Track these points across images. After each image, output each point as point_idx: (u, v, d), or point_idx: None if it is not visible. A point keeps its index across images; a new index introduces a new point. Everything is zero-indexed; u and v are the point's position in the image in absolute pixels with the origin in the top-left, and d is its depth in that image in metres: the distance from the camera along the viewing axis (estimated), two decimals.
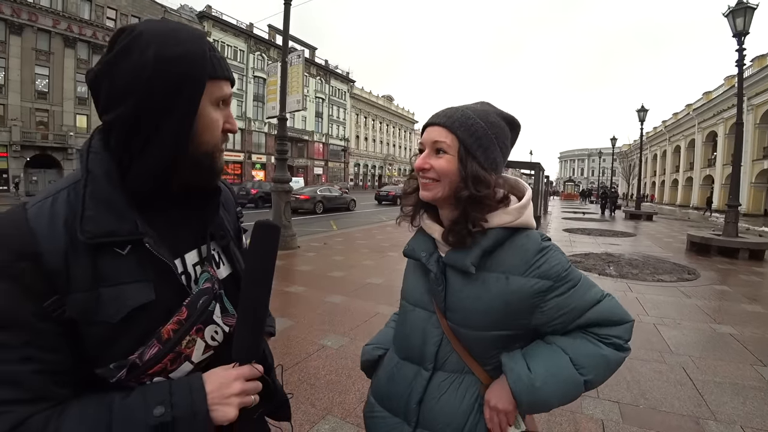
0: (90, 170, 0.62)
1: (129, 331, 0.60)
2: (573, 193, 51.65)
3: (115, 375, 0.59)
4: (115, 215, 0.60)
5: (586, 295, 0.82)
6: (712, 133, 34.30)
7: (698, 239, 9.20)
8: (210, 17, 37.13)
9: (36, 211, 0.59)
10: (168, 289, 0.64)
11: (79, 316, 0.57)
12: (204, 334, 0.67)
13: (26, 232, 0.56)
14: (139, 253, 0.61)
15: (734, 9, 8.44)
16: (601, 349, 0.80)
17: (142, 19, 8.12)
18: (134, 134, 0.62)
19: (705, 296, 5.33)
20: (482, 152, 0.81)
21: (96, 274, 0.58)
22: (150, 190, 0.65)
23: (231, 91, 0.71)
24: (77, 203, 0.59)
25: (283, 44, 8.69)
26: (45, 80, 27.53)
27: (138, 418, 0.56)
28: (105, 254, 0.59)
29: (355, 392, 2.65)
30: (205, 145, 0.67)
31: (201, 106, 0.65)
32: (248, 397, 0.65)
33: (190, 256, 0.72)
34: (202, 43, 0.65)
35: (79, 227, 0.57)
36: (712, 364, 3.23)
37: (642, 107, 20.04)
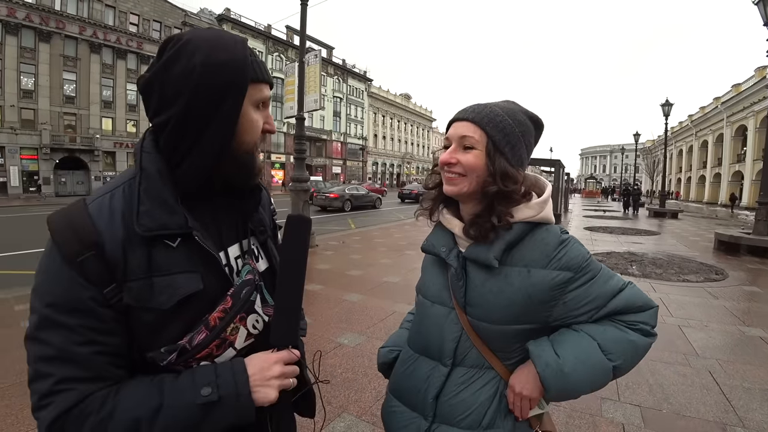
0: (144, 168, 0.67)
1: (178, 317, 0.65)
2: (594, 191, 50.53)
3: (165, 359, 0.64)
4: (167, 210, 0.65)
5: (606, 285, 0.82)
6: (741, 127, 32.98)
7: (727, 238, 8.86)
8: (229, 20, 37.76)
9: (97, 206, 0.64)
10: (214, 279, 0.69)
11: (134, 303, 0.62)
12: (246, 323, 0.72)
13: (90, 224, 0.62)
14: (188, 245, 0.66)
15: None
16: (629, 334, 0.80)
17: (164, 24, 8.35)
18: (182, 135, 0.66)
19: (734, 297, 5.14)
20: (510, 149, 0.82)
21: (150, 265, 0.63)
22: (196, 187, 0.70)
23: (270, 93, 0.74)
24: (133, 199, 0.64)
25: (300, 44, 8.75)
26: (72, 85, 28.54)
27: (187, 397, 0.61)
28: (158, 246, 0.64)
29: (371, 390, 2.66)
30: (245, 144, 0.71)
31: (243, 108, 0.69)
32: (287, 379, 0.69)
33: (232, 249, 0.77)
34: (244, 49, 0.69)
35: (135, 221, 0.62)
36: (740, 368, 3.11)
37: (666, 101, 19.40)
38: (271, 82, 0.74)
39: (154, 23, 32.54)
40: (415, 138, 71.05)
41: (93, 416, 0.58)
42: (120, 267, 0.61)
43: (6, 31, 25.29)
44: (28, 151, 26.75)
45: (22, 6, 25.57)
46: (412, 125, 69.71)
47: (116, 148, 30.92)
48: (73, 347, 0.59)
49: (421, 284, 1.00)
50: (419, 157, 71.93)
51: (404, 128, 67.32)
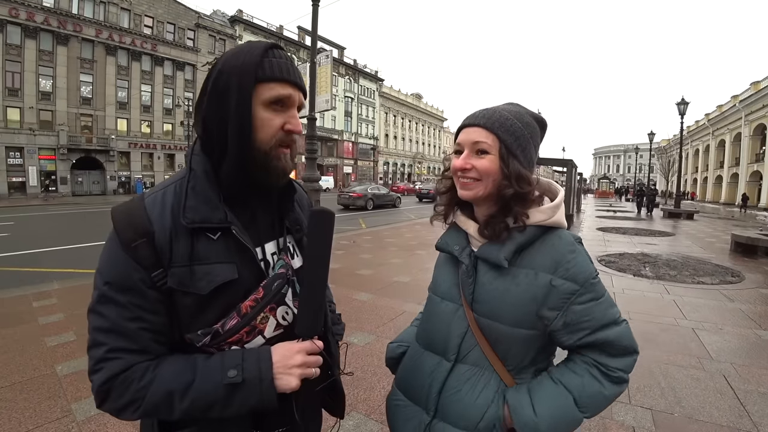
0: (192, 169, 0.75)
1: (214, 303, 0.71)
2: (608, 191, 49.77)
3: (200, 340, 0.70)
4: (210, 206, 0.72)
5: (607, 311, 0.83)
6: (760, 125, 32.23)
7: (744, 239, 8.67)
8: (241, 21, 38.14)
9: (151, 201, 0.73)
10: (248, 271, 0.75)
11: (177, 287, 0.69)
12: (276, 313, 0.76)
13: (144, 216, 0.70)
14: (227, 239, 0.73)
15: None
16: (605, 388, 0.82)
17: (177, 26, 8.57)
18: (211, 137, 0.75)
19: (750, 300, 5.04)
20: (521, 151, 0.84)
21: (192, 254, 0.70)
22: (235, 186, 0.76)
23: (288, 92, 0.75)
24: (181, 195, 0.72)
25: (311, 44, 8.80)
26: (89, 87, 29.14)
27: (215, 376, 0.67)
28: (200, 238, 0.71)
29: (380, 390, 2.67)
30: (260, 143, 0.74)
31: (253, 108, 0.72)
32: (309, 369, 0.73)
33: (269, 246, 0.82)
34: (257, 51, 0.73)
35: (182, 214, 0.70)
36: (756, 372, 3.05)
37: (682, 100, 19.04)
38: (292, 80, 0.75)
39: (168, 25, 33.01)
40: (427, 138, 70.88)
41: (135, 384, 0.66)
42: (166, 254, 0.69)
43: (25, 35, 25.91)
44: (46, 151, 27.37)
45: (40, 10, 26.18)
46: (424, 125, 69.54)
47: (131, 149, 31.48)
48: (124, 322, 0.67)
49: (432, 281, 1.03)
50: (430, 157, 71.70)
51: (415, 128, 67.21)
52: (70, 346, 3.24)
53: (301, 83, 0.78)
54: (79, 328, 3.61)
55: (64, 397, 2.48)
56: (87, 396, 2.50)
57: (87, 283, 5.24)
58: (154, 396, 0.66)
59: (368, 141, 54.65)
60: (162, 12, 32.55)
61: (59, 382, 2.66)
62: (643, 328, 3.90)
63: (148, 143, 32.48)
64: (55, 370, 2.83)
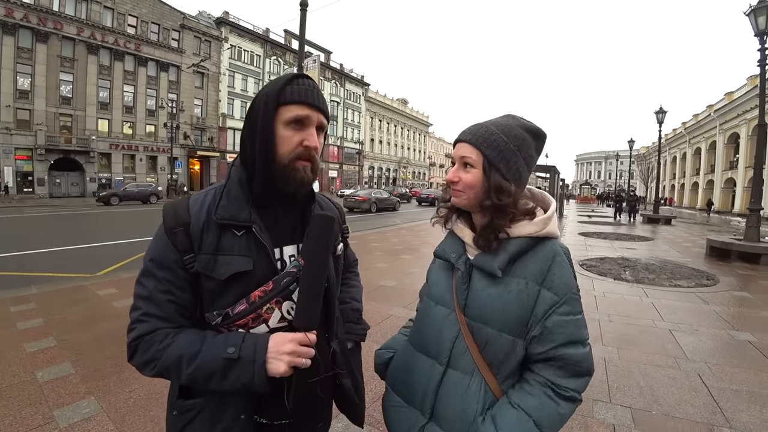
0: (230, 177, 0.90)
1: (230, 290, 0.83)
2: (589, 197, 50.80)
3: (214, 320, 0.82)
4: (238, 208, 0.86)
5: (579, 329, 0.87)
6: (734, 134, 33.41)
7: (718, 244, 8.97)
8: (227, 23, 37.86)
9: (195, 199, 0.89)
10: (263, 265, 0.85)
11: (202, 270, 0.82)
12: (282, 307, 0.85)
13: (186, 210, 0.86)
14: (249, 236, 0.85)
15: (756, 8, 8.25)
16: (560, 407, 0.85)
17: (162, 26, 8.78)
18: (245, 153, 0.88)
19: (724, 302, 5.23)
20: (504, 164, 0.88)
21: (218, 245, 0.83)
22: (262, 194, 0.88)
23: (306, 113, 0.86)
24: (218, 196, 0.87)
25: (299, 49, 8.82)
26: (69, 86, 28.48)
27: (218, 350, 0.78)
28: (227, 233, 0.84)
29: (367, 392, 2.68)
30: (281, 157, 0.85)
31: (275, 126, 0.85)
32: (299, 358, 0.79)
33: (288, 248, 0.93)
34: (282, 80, 0.87)
35: (214, 211, 0.85)
36: (729, 371, 3.18)
37: (660, 108, 19.65)
38: (309, 102, 0.86)
39: (153, 25, 32.58)
40: (412, 143, 71.27)
41: (156, 345, 0.79)
42: (197, 242, 0.83)
43: (3, 31, 25.24)
44: (23, 151, 26.63)
45: (20, 6, 25.54)
46: (409, 130, 69.94)
47: (112, 150, 30.82)
48: (157, 293, 0.82)
49: (426, 287, 1.07)
50: (415, 162, 72.08)
51: (401, 133, 67.53)
52: (51, 351, 3.17)
53: (321, 106, 0.88)
54: (59, 333, 3.54)
55: (46, 404, 2.43)
56: (69, 402, 2.46)
57: (66, 287, 5.12)
58: (168, 358, 0.78)
59: (354, 145, 54.71)
60: (146, 12, 32.09)
61: (40, 389, 2.60)
62: (623, 330, 4.02)
63: (129, 145, 31.85)
64: (36, 376, 2.76)
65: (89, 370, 2.88)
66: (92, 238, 9.87)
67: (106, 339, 3.45)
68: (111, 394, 2.58)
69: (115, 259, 7.20)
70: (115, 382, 2.72)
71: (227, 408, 0.84)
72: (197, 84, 36.13)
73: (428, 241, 10.07)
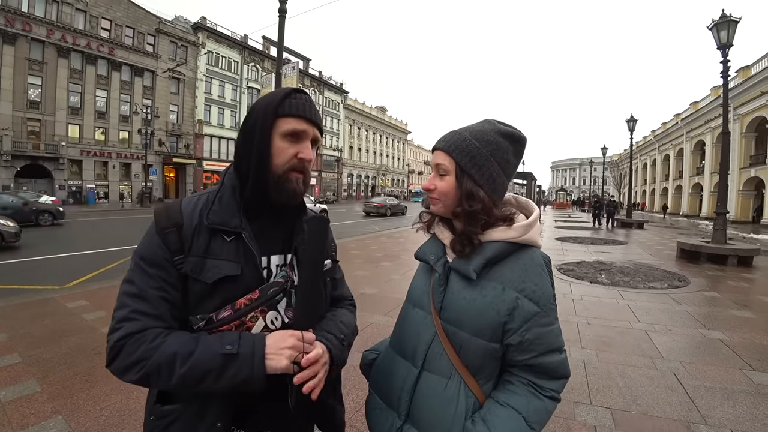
0: (224, 184, 0.91)
1: (216, 294, 0.83)
2: (565, 202, 52.06)
3: (197, 323, 0.82)
4: (229, 214, 0.87)
5: (557, 338, 0.88)
6: (700, 142, 34.91)
7: (688, 246, 9.32)
8: (204, 28, 37.33)
9: (187, 202, 0.90)
10: (250, 273, 0.86)
11: (190, 273, 0.82)
12: (266, 316, 0.85)
13: (178, 211, 0.87)
14: (238, 243, 0.86)
15: (718, 22, 8.69)
16: (545, 403, 0.86)
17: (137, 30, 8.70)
18: (239, 161, 0.90)
19: (695, 303, 5.41)
20: (477, 170, 0.87)
21: (208, 249, 0.84)
22: (253, 202, 0.89)
23: (302, 127, 0.89)
24: (211, 201, 0.89)
25: (278, 55, 8.76)
26: (38, 90, 27.38)
27: (215, 347, 0.77)
28: (217, 237, 0.85)
29: (349, 402, 2.64)
30: (276, 167, 0.87)
31: (273, 138, 0.86)
32: (299, 352, 0.79)
33: (275, 258, 0.93)
34: (281, 93, 0.89)
35: (206, 216, 0.86)
36: (702, 369, 3.28)
37: (631, 117, 20.38)
38: (305, 116, 0.89)
39: (127, 29, 31.78)
40: (391, 150, 71.60)
41: (146, 344, 0.76)
42: (188, 244, 0.84)
43: None
44: None
45: None
46: (388, 137, 70.27)
47: (83, 156, 29.74)
48: (149, 289, 0.81)
49: (409, 289, 1.06)
50: (394, 169, 72.39)
51: (380, 140, 67.78)
52: (15, 368, 3.00)
53: (317, 120, 0.91)
54: (25, 348, 3.36)
55: (9, 425, 2.29)
56: (34, 423, 2.32)
57: (32, 299, 4.88)
58: (161, 357, 0.75)
59: (332, 153, 54.55)
60: (121, 15, 31.31)
61: (3, 409, 2.45)
62: (601, 332, 4.10)
63: (102, 151, 30.79)
64: None
65: (56, 388, 2.73)
66: (63, 247, 9.48)
67: (75, 354, 3.29)
68: (80, 412, 2.45)
69: (88, 270, 6.93)
70: (84, 400, 2.59)
71: (204, 416, 0.83)
72: (173, 90, 35.36)
73: (408, 248, 10.08)
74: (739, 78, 26.89)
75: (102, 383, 2.80)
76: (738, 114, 26.58)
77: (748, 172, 26.65)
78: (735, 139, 25.80)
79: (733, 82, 25.45)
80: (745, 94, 26.60)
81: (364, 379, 1.15)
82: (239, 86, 40.75)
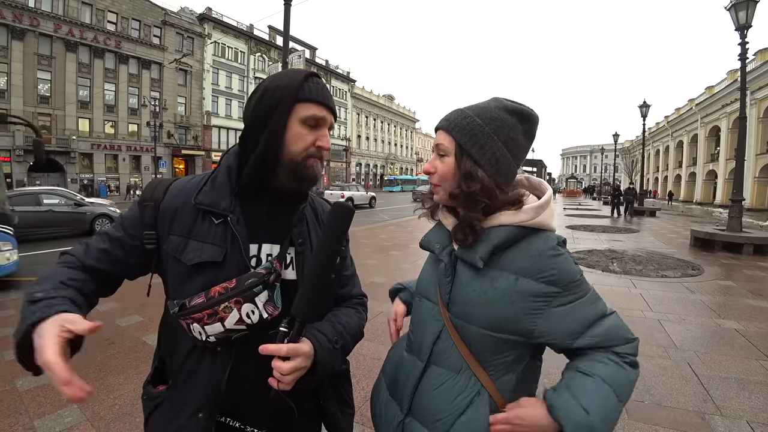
0: (220, 165, 0.89)
1: (196, 278, 0.81)
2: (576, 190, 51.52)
3: (173, 308, 0.79)
4: (220, 196, 0.84)
5: (592, 307, 0.79)
6: (715, 127, 34.13)
7: (702, 235, 9.16)
8: (210, 19, 37.23)
9: (178, 180, 0.90)
10: (234, 259, 0.82)
11: (171, 252, 0.82)
12: (241, 308, 0.78)
13: (164, 189, 0.87)
14: (225, 227, 0.83)
15: (736, 2, 8.39)
16: (628, 373, 0.77)
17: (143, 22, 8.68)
18: (245, 144, 0.86)
19: (709, 292, 5.32)
20: (478, 149, 0.80)
21: (192, 229, 0.83)
22: (250, 186, 0.86)
23: (322, 114, 0.84)
24: (203, 181, 0.87)
25: (283, 45, 8.68)
26: (47, 84, 27.69)
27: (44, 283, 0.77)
28: (205, 219, 0.83)
29: (359, 391, 2.64)
30: (292, 154, 0.83)
31: (290, 123, 0.82)
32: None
33: (266, 246, 0.87)
34: (299, 76, 0.84)
35: (194, 196, 0.84)
36: (717, 359, 3.22)
37: (644, 102, 19.94)
38: (325, 103, 0.85)
39: (133, 21, 31.84)
40: (399, 139, 71.27)
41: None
42: (166, 222, 0.84)
43: None
44: (1, 153, 25.83)
45: None
46: (396, 126, 69.89)
47: (93, 150, 30.14)
48: (95, 243, 0.85)
49: (417, 280, 1.01)
50: (402, 158, 72.12)
51: (388, 129, 67.46)
52: None
53: (334, 107, 0.88)
54: None
55: (26, 414, 2.34)
56: (51, 411, 2.37)
57: None
58: None
59: (340, 142, 54.41)
60: (126, 8, 31.34)
61: (20, 398, 2.50)
62: None
63: (112, 144, 31.17)
64: (15, 385, 2.66)
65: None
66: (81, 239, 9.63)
67: (89, 344, 3.34)
68: (94, 401, 2.49)
69: None
70: (98, 389, 2.63)
71: (187, 403, 0.81)
72: (180, 82, 35.46)
73: (417, 237, 10.05)
74: (757, 61, 26.09)
75: (115, 373, 2.85)
76: (755, 98, 25.88)
77: (765, 159, 26.03)
78: (751, 124, 25.14)
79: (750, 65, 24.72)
80: (764, 78, 25.84)
81: (374, 369, 1.15)
82: (246, 77, 40.69)
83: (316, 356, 0.77)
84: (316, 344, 0.78)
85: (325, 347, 0.80)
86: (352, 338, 0.92)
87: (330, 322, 0.87)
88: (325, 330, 0.83)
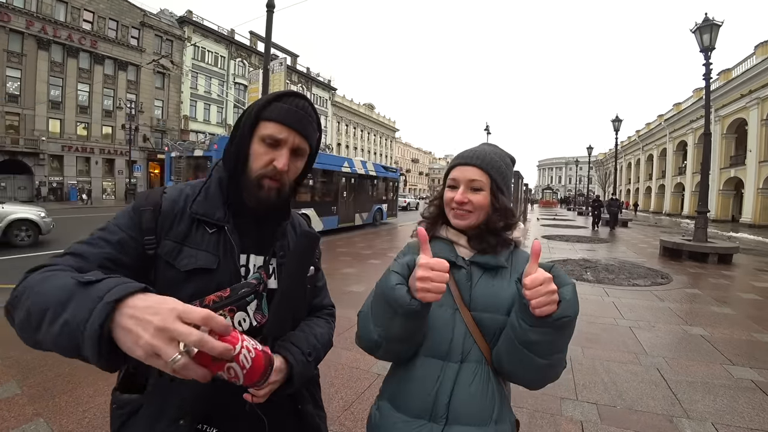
0: (212, 176, 0.93)
1: (188, 285, 0.80)
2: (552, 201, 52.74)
3: None
4: (213, 206, 0.87)
5: None
6: (682, 142, 35.67)
7: (670, 245, 9.54)
8: (190, 22, 36.67)
9: (172, 188, 0.91)
10: (226, 267, 0.84)
11: (165, 257, 0.82)
12: (234, 316, 0.82)
13: (159, 194, 0.88)
14: (219, 236, 0.86)
15: (701, 26, 8.88)
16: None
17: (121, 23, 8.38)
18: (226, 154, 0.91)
19: (677, 299, 5.53)
20: (507, 188, 1.04)
21: (187, 236, 0.84)
22: (235, 199, 0.89)
23: (283, 135, 0.85)
24: (197, 191, 0.90)
25: (265, 51, 8.66)
26: (16, 83, 26.59)
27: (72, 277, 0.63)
28: (199, 228, 0.85)
29: (338, 400, 2.63)
30: (251, 172, 0.86)
31: (253, 140, 0.86)
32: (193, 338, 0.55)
33: (254, 258, 0.91)
34: (272, 96, 0.88)
35: (190, 204, 0.86)
36: (684, 364, 3.36)
37: (617, 117, 20.71)
38: (287, 124, 0.86)
39: (111, 22, 31.04)
40: (379, 148, 71.52)
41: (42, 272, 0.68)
42: (165, 227, 0.84)
43: None
44: None
45: None
46: (376, 135, 70.14)
47: (64, 152, 29.02)
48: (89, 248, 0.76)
49: None
50: None
51: (368, 138, 67.61)
52: None
53: (302, 129, 0.87)
54: (4, 349, 3.26)
55: None
56: (15, 426, 2.26)
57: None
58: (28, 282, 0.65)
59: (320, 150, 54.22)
60: (104, 7, 30.55)
61: None
62: (586, 328, 4.16)
63: (84, 147, 30.08)
64: None
65: (37, 390, 2.66)
66: (46, 245, 9.24)
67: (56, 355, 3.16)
68: (62, 414, 2.40)
69: None
70: (67, 402, 2.53)
71: (166, 410, 0.78)
72: (158, 84, 34.69)
73: (396, 245, 10.10)
74: (721, 80, 27.54)
75: (85, 385, 2.74)
76: (719, 116, 27.21)
77: (728, 173, 27.33)
78: (716, 140, 26.40)
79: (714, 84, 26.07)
80: (726, 96, 27.26)
81: (353, 378, 1.15)
82: (226, 81, 40.15)
83: (292, 370, 0.82)
84: (291, 359, 0.83)
85: (299, 361, 0.85)
86: (323, 348, 0.97)
87: (304, 334, 0.92)
88: (299, 343, 0.88)
